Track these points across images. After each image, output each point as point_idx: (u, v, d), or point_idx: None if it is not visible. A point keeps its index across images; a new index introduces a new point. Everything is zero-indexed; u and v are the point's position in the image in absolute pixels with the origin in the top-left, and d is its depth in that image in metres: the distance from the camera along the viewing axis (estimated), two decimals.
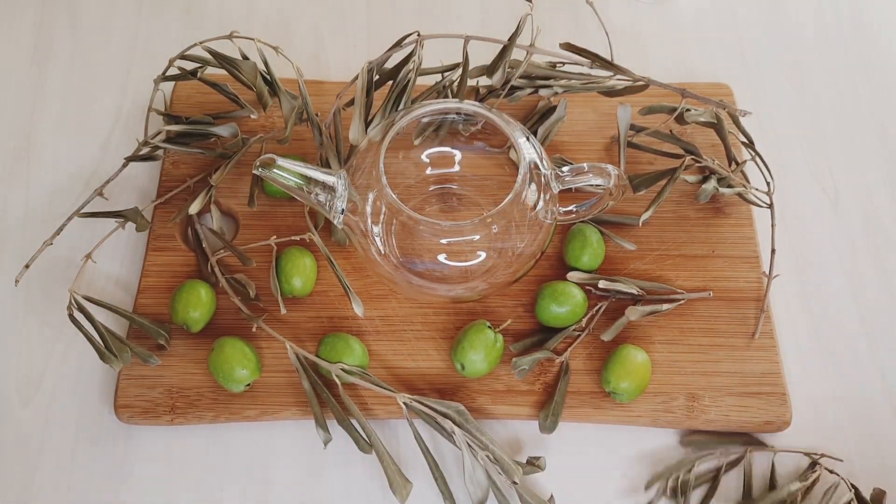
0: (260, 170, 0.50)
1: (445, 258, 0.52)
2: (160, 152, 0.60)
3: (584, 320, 0.56)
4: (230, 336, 0.54)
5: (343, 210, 0.51)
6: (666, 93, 0.61)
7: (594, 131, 0.64)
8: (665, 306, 0.56)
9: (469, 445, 0.50)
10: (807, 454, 0.54)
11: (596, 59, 0.58)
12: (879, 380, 0.57)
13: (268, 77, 0.62)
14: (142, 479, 0.53)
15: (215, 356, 0.53)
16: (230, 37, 0.61)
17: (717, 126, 0.61)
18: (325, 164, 0.58)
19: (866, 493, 0.52)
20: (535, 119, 0.63)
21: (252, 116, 0.61)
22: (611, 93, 0.62)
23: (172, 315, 0.55)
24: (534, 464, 0.52)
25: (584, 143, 0.64)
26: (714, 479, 0.53)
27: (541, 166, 0.52)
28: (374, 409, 0.54)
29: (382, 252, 0.53)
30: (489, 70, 0.60)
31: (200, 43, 0.61)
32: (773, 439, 0.55)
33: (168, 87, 0.66)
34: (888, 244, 0.62)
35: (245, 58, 0.62)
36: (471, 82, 0.62)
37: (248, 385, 0.53)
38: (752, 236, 0.60)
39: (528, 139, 0.52)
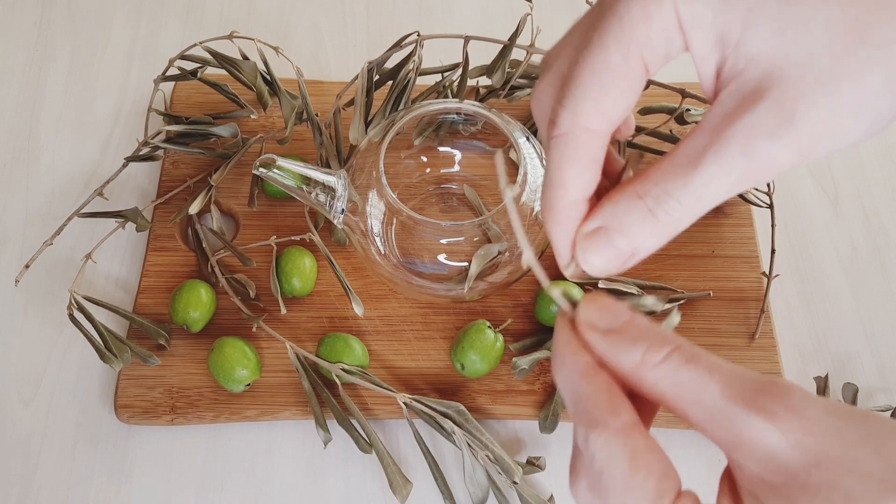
0: (260, 170, 0.50)
1: (445, 258, 0.52)
2: (160, 152, 0.61)
3: None
4: (230, 336, 0.54)
5: (343, 210, 0.51)
6: (666, 93, 0.61)
7: None
8: (665, 306, 0.56)
9: (469, 445, 0.50)
10: None
11: None
12: (880, 379, 0.57)
13: (268, 77, 0.62)
14: (142, 479, 0.53)
15: (215, 356, 0.53)
16: (230, 37, 0.61)
17: None
18: (325, 164, 0.58)
19: None
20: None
21: (252, 116, 0.61)
22: None
23: (172, 315, 0.55)
24: (534, 464, 0.52)
25: None
26: None
27: (541, 166, 0.52)
28: (374, 409, 0.54)
29: (382, 252, 0.53)
30: (489, 70, 0.60)
31: (200, 43, 0.61)
32: None
33: (168, 87, 0.66)
34: (888, 244, 0.62)
35: (245, 58, 0.62)
36: (471, 82, 0.62)
37: (248, 385, 0.53)
38: (752, 236, 0.60)
39: (528, 139, 0.52)
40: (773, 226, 0.59)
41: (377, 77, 0.59)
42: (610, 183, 0.32)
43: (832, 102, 0.26)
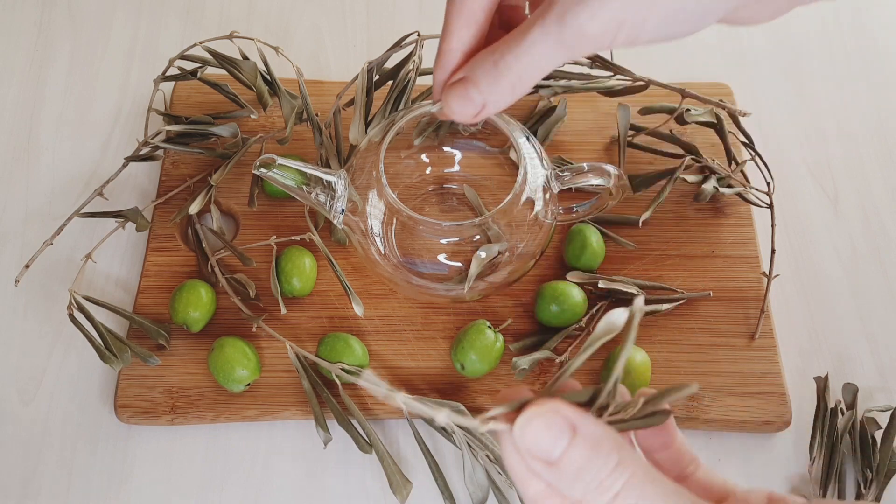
0: (260, 170, 0.50)
1: (445, 258, 0.52)
2: (160, 152, 0.61)
3: (584, 320, 0.56)
4: (230, 336, 0.54)
5: (343, 210, 0.51)
6: (666, 93, 0.61)
7: (594, 131, 0.65)
8: (665, 306, 0.56)
9: (469, 445, 0.50)
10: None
11: (596, 59, 0.58)
12: (880, 379, 0.57)
13: (268, 77, 0.62)
14: (142, 479, 0.53)
15: (215, 356, 0.53)
16: (230, 37, 0.61)
17: (716, 126, 0.61)
18: (325, 164, 0.58)
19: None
20: (535, 119, 0.64)
21: (252, 116, 0.61)
22: (611, 93, 0.62)
23: (172, 315, 0.55)
24: None
25: (584, 143, 0.64)
26: None
27: (541, 166, 0.52)
28: (374, 409, 0.54)
29: (382, 252, 0.53)
30: None
31: (200, 43, 0.61)
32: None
33: (168, 87, 0.66)
34: (888, 244, 0.62)
35: (245, 58, 0.62)
36: None
37: (248, 385, 0.53)
38: (752, 236, 0.60)
39: (528, 139, 0.52)
40: (773, 226, 0.59)
41: (377, 77, 0.59)
42: None
43: None
